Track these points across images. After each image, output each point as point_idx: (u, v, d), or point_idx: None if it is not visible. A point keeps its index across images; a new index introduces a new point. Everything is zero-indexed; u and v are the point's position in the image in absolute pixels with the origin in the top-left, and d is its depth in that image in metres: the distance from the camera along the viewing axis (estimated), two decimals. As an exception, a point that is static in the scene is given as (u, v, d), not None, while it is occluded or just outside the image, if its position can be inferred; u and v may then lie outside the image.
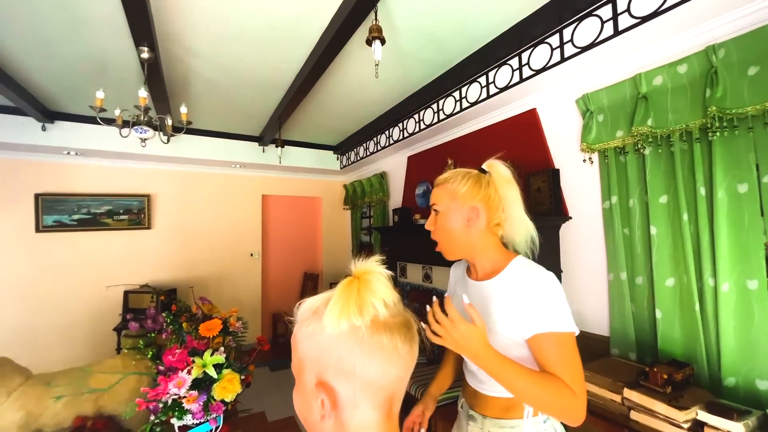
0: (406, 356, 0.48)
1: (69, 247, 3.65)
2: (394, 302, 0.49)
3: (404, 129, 3.39)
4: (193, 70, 2.54)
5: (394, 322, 0.48)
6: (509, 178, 0.92)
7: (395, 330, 0.47)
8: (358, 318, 0.45)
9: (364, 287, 0.47)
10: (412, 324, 0.51)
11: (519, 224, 0.93)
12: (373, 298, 0.47)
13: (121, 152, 3.58)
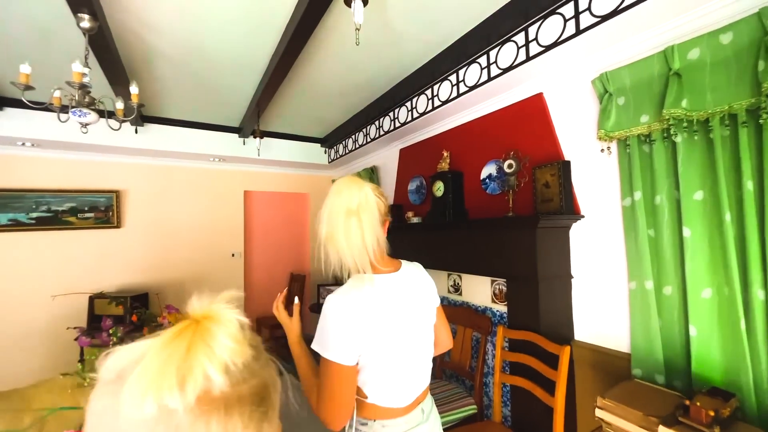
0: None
1: (27, 248, 3.31)
2: (244, 362, 0.34)
3: (396, 118, 3.10)
4: (154, 48, 2.22)
5: (238, 393, 0.32)
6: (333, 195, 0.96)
7: (236, 407, 0.32)
8: (176, 395, 0.29)
9: (198, 343, 0.32)
10: (269, 390, 0.35)
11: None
12: (208, 363, 0.31)
13: (84, 143, 3.24)
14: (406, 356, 0.92)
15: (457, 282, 2.48)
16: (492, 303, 2.19)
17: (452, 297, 2.52)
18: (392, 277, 0.95)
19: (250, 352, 0.34)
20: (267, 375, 0.36)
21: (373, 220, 0.89)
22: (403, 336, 0.92)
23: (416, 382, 0.95)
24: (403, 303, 0.93)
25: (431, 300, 1.03)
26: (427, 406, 0.98)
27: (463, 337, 2.23)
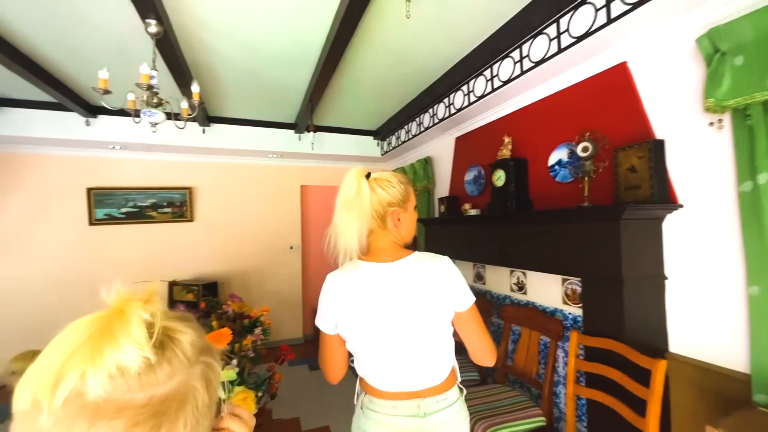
0: None
1: (118, 239, 3.74)
2: (141, 370, 0.29)
3: (451, 104, 2.92)
4: (213, 48, 2.31)
5: (118, 404, 0.28)
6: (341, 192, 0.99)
7: (106, 418, 0.27)
8: (46, 394, 0.27)
9: (90, 343, 0.28)
10: (171, 403, 0.30)
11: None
12: (90, 366, 0.27)
13: (161, 144, 3.56)
14: (385, 342, 0.93)
15: (521, 280, 2.26)
16: (563, 304, 1.95)
17: (516, 296, 2.30)
18: (381, 266, 0.96)
19: (154, 358, 0.30)
20: (177, 385, 0.31)
21: (362, 212, 0.94)
22: (381, 322, 0.93)
23: (405, 374, 0.94)
24: (385, 291, 0.93)
25: (435, 300, 0.93)
26: (430, 408, 0.94)
27: (528, 340, 2.03)
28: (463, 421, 0.98)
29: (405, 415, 0.94)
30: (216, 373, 0.37)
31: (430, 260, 0.96)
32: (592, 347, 1.65)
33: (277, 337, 4.23)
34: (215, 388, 0.36)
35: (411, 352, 0.93)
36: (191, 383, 0.33)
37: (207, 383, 0.34)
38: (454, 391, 0.99)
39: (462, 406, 1.00)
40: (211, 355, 0.37)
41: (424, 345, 0.94)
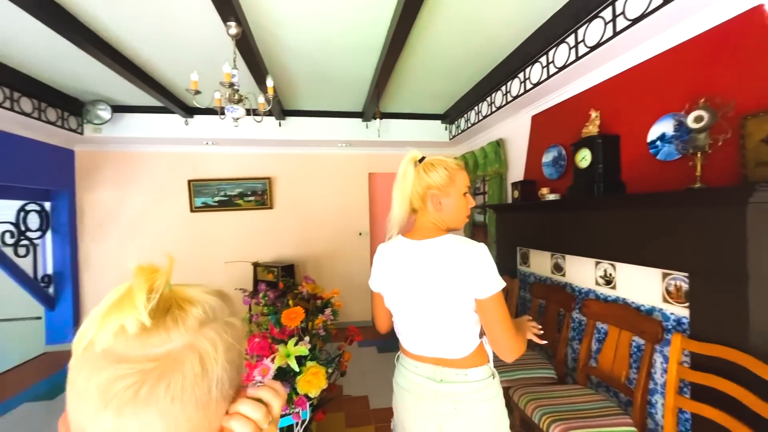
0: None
1: (213, 224, 4.25)
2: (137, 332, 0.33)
3: (527, 79, 2.67)
4: (284, 43, 2.42)
5: (110, 355, 0.33)
6: (398, 174, 1.08)
7: (99, 369, 0.32)
8: (79, 341, 0.34)
9: (117, 301, 0.35)
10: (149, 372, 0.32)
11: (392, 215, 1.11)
12: (107, 321, 0.33)
13: (244, 139, 3.91)
14: (407, 309, 1.05)
15: (609, 273, 2.00)
16: (663, 303, 1.68)
17: (602, 290, 2.05)
18: (411, 243, 1.05)
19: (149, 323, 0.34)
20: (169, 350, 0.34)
21: (404, 193, 1.05)
22: (405, 291, 1.04)
23: (423, 341, 1.03)
24: (410, 265, 1.03)
25: (452, 283, 0.96)
26: (447, 377, 1.00)
27: (617, 341, 1.80)
28: (483, 401, 0.99)
29: (424, 376, 1.03)
30: (221, 350, 0.37)
31: (460, 244, 0.98)
32: (701, 354, 1.39)
33: (346, 319, 4.45)
34: (219, 363, 0.36)
35: (427, 323, 1.01)
36: (185, 352, 0.34)
37: (204, 356, 0.35)
38: (479, 371, 1.01)
39: (487, 388, 1.00)
40: (222, 332, 0.38)
41: (439, 320, 0.99)
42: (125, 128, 3.68)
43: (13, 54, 2.53)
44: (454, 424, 0.98)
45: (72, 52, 2.40)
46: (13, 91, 2.84)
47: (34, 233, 3.69)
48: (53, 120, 3.26)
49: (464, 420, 0.98)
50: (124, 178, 4.08)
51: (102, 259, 4.04)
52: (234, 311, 0.42)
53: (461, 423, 0.98)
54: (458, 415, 0.98)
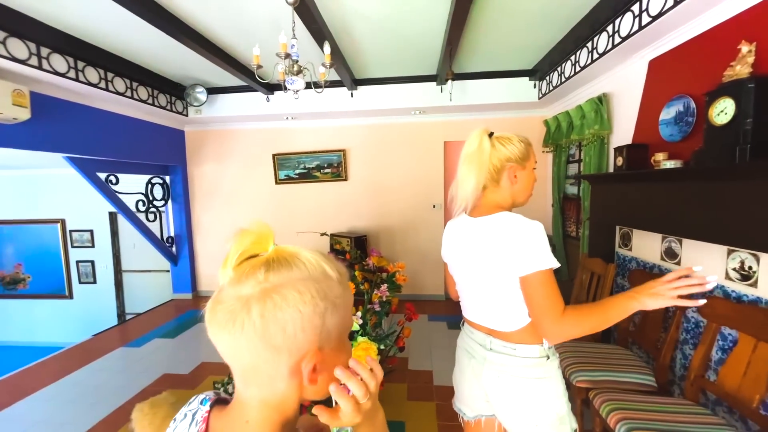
0: None
1: (294, 195, 4.54)
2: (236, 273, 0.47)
3: (643, 11, 2.07)
4: (350, 7, 2.28)
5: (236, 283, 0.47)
6: (464, 155, 1.08)
7: (243, 284, 0.47)
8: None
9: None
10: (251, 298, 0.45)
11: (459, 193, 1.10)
12: None
13: (319, 112, 3.99)
14: (462, 281, 1.14)
15: (747, 265, 1.50)
16: (836, 313, 1.19)
17: (734, 287, 1.56)
18: (469, 219, 1.09)
19: (234, 273, 0.45)
20: (244, 299, 0.43)
21: (481, 166, 1.04)
22: (461, 265, 1.12)
23: (476, 310, 1.11)
24: (465, 241, 1.09)
25: (496, 260, 0.99)
26: (496, 347, 1.04)
27: (750, 355, 1.37)
28: (529, 378, 0.99)
29: (477, 342, 1.11)
30: (284, 312, 0.43)
31: (508, 221, 0.98)
32: None
33: (420, 292, 4.43)
34: (285, 327, 0.43)
35: (480, 295, 1.08)
36: (252, 300, 0.43)
37: (269, 306, 0.43)
38: (529, 348, 1.00)
39: (535, 367, 0.99)
40: (292, 297, 0.44)
41: (489, 293, 1.04)
42: (220, 108, 4.07)
43: (127, 49, 2.93)
44: (497, 392, 1.03)
45: (171, 42, 2.66)
46: (132, 81, 3.32)
47: (159, 202, 4.44)
48: (164, 104, 3.76)
49: (507, 391, 1.01)
50: (222, 153, 4.58)
51: (209, 224, 4.69)
52: (325, 274, 0.47)
53: (503, 393, 1.02)
54: (501, 384, 1.02)
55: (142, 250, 5.04)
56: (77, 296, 5.31)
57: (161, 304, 4.50)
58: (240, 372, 0.45)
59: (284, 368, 0.44)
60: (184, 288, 4.68)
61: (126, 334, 3.64)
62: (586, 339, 2.23)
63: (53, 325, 5.32)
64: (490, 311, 1.05)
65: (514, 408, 1.01)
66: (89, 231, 5.18)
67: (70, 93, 3.00)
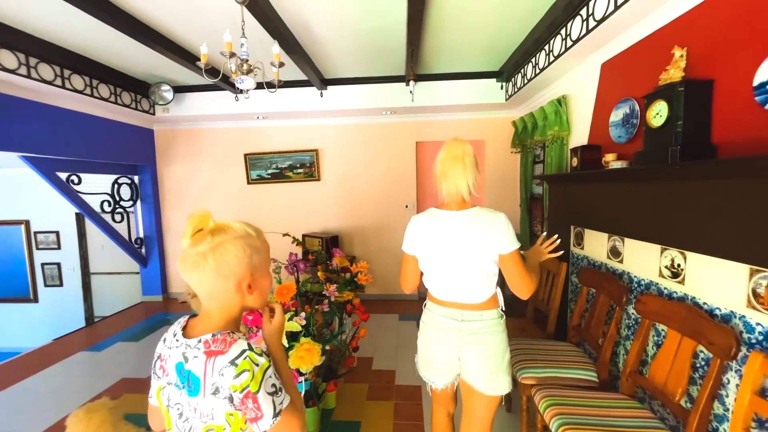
0: None
1: (267, 196, 4.50)
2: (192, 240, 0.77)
3: (590, 15, 2.13)
4: (305, 7, 2.27)
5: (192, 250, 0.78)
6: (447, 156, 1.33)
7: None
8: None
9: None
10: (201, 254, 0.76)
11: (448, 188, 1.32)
12: None
13: (289, 111, 3.97)
14: (444, 266, 1.30)
15: (677, 263, 1.56)
16: (747, 308, 1.24)
17: (666, 284, 1.62)
18: (451, 213, 1.30)
19: (191, 241, 0.75)
20: (202, 252, 0.74)
21: (473, 169, 1.30)
22: (444, 252, 1.29)
23: (455, 289, 1.31)
24: (449, 231, 1.28)
25: (483, 243, 1.25)
26: (467, 317, 1.30)
27: (676, 349, 1.41)
28: (494, 334, 1.30)
29: (449, 317, 1.32)
30: (227, 254, 0.74)
31: (486, 213, 1.27)
32: (793, 386, 1.00)
33: (392, 292, 4.44)
34: (221, 264, 0.73)
35: (459, 275, 1.29)
36: (206, 254, 0.73)
37: (214, 257, 0.73)
38: (492, 312, 1.31)
39: (496, 325, 1.31)
40: (230, 245, 0.75)
41: (468, 272, 1.28)
42: (188, 107, 4.01)
43: (85, 46, 2.86)
44: (470, 351, 1.29)
45: (131, 39, 2.61)
46: (92, 78, 3.24)
47: (126, 202, 4.34)
48: (128, 103, 3.68)
49: (479, 347, 1.28)
50: (193, 153, 4.51)
51: (180, 225, 4.61)
52: (248, 234, 0.79)
53: (476, 349, 1.28)
54: (474, 343, 1.29)
55: (111, 252, 4.93)
56: (43, 300, 5.16)
57: (129, 307, 4.41)
58: (205, 294, 0.75)
59: (232, 287, 0.75)
60: (154, 290, 4.59)
61: (89, 337, 3.55)
62: (538, 336, 2.28)
63: (17, 329, 5.16)
64: (466, 289, 1.29)
65: (483, 361, 1.28)
66: (55, 232, 5.03)
67: (23, 90, 2.91)
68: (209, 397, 0.69)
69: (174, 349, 0.74)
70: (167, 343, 0.77)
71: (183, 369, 0.71)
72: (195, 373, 0.70)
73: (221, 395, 0.68)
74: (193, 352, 0.71)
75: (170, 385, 0.75)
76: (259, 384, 0.69)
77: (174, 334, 0.77)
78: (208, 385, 0.69)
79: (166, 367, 0.76)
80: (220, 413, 0.69)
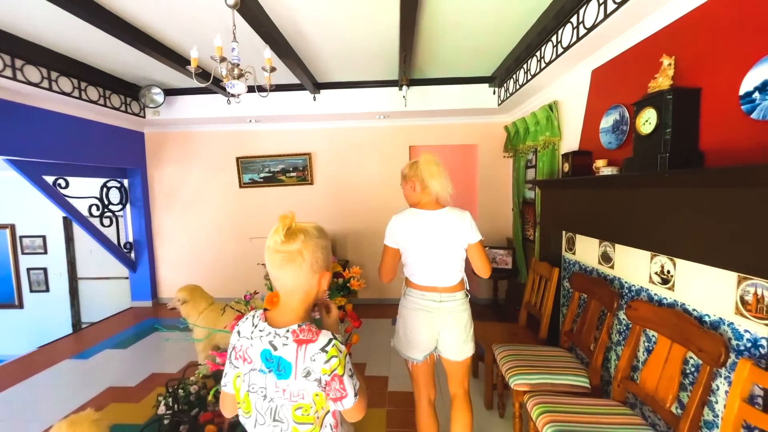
0: None
1: (259, 199, 4.47)
2: (281, 241, 0.84)
3: (581, 23, 2.15)
4: (299, 11, 2.27)
5: (276, 249, 0.85)
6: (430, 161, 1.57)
7: None
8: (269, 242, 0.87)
9: (275, 228, 0.88)
10: (289, 256, 0.85)
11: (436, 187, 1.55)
12: None
13: (283, 115, 3.95)
14: (423, 256, 1.55)
15: (666, 269, 1.57)
16: (735, 315, 1.25)
17: (656, 290, 1.63)
18: (429, 212, 1.56)
19: (283, 239, 0.84)
20: (294, 250, 0.84)
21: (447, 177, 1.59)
22: (424, 244, 1.54)
23: (433, 276, 1.55)
24: (429, 227, 1.54)
25: (457, 236, 1.54)
26: (444, 299, 1.56)
27: (666, 355, 1.42)
28: (465, 311, 1.59)
29: (429, 299, 1.56)
30: (316, 251, 0.86)
31: (457, 212, 1.58)
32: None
33: (387, 296, 4.42)
34: (311, 259, 0.85)
35: (438, 263, 1.55)
36: (300, 250, 0.83)
37: (307, 253, 0.84)
38: (461, 293, 1.60)
39: (465, 303, 1.60)
40: (314, 242, 0.86)
41: (445, 261, 1.55)
42: (179, 110, 3.96)
43: (73, 48, 2.81)
44: (448, 326, 1.55)
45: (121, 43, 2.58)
46: (80, 81, 3.19)
47: (115, 206, 4.27)
48: (117, 106, 3.62)
49: (455, 323, 1.55)
50: (184, 156, 4.46)
51: (170, 229, 4.55)
52: (323, 234, 0.90)
53: (453, 325, 1.55)
54: (452, 320, 1.55)
55: (100, 256, 4.84)
56: (28, 306, 5.05)
57: (118, 313, 4.33)
58: (294, 288, 0.85)
59: (315, 281, 0.87)
60: (143, 295, 4.51)
61: (75, 345, 3.48)
62: (530, 341, 2.28)
63: (1, 337, 5.03)
64: (444, 274, 1.55)
65: (457, 333, 1.55)
66: (41, 237, 4.93)
67: (8, 92, 2.85)
68: (300, 380, 0.79)
69: (257, 339, 0.84)
70: (244, 334, 0.86)
71: (271, 355, 0.81)
72: (286, 358, 0.80)
73: (312, 377, 0.79)
74: (282, 341, 0.81)
75: (253, 371, 0.83)
76: (344, 368, 0.81)
77: (254, 326, 0.86)
78: (299, 369, 0.79)
79: (247, 356, 0.85)
80: (309, 393, 0.80)
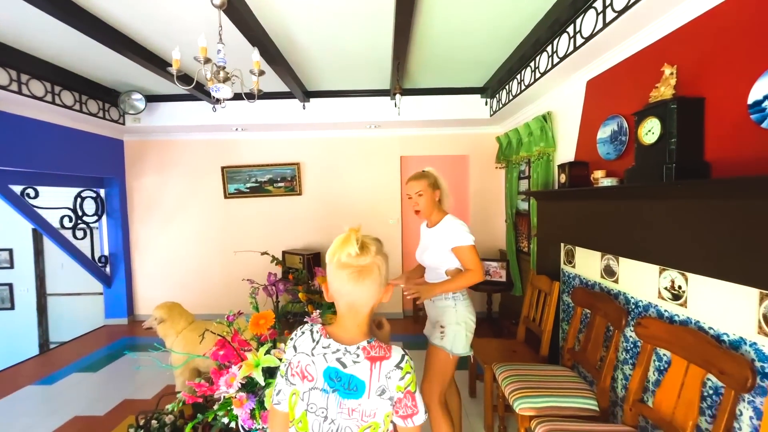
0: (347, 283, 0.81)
1: (245, 210, 4.29)
2: (355, 254, 0.81)
3: (577, 33, 2.12)
4: (289, 16, 2.18)
5: (350, 264, 0.81)
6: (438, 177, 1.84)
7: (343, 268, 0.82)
8: (330, 258, 0.84)
9: (345, 240, 0.83)
10: (363, 270, 0.82)
11: (446, 199, 1.83)
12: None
13: (270, 124, 3.83)
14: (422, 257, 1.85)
15: (677, 284, 1.50)
16: (758, 335, 1.18)
17: (667, 307, 1.56)
18: (428, 228, 1.87)
19: (358, 251, 0.80)
20: (369, 262, 0.82)
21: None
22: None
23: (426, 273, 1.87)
24: (425, 236, 1.88)
25: (442, 241, 1.74)
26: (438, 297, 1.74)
27: (683, 377, 1.33)
28: (452, 307, 1.69)
29: None
30: (383, 263, 0.85)
31: (446, 221, 1.77)
32: (819, 423, 0.92)
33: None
34: (383, 272, 0.84)
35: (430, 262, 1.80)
36: (375, 263, 0.82)
37: (380, 266, 0.83)
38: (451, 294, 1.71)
39: (454, 302, 1.70)
40: (382, 255, 0.85)
41: (430, 261, 1.79)
42: (161, 117, 3.80)
43: (46, 49, 2.64)
44: (435, 316, 1.74)
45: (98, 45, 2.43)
46: (54, 85, 3.01)
47: (90, 218, 4.03)
48: (95, 112, 3.44)
49: (438, 313, 1.72)
50: (166, 165, 4.26)
51: (149, 241, 4.32)
52: (382, 245, 0.89)
53: (437, 315, 1.72)
54: (436, 311, 1.73)
55: (72, 271, 4.55)
56: (-9, 324, 4.69)
57: (90, 332, 4.04)
58: (363, 301, 0.82)
59: (379, 293, 0.84)
60: (118, 312, 4.24)
61: (40, 368, 3.20)
62: (530, 359, 2.18)
63: (-41, 358, 4.63)
64: (434, 273, 1.79)
65: (438, 321, 1.70)
66: (7, 250, 4.62)
67: (-27, 96, 2.65)
68: (374, 398, 0.77)
69: (319, 357, 0.79)
70: (303, 350, 0.82)
71: (338, 374, 0.78)
72: (359, 376, 0.77)
73: (386, 395, 0.77)
74: (352, 357, 0.78)
75: (314, 390, 0.79)
76: (416, 384, 0.80)
77: (314, 342, 0.82)
78: (373, 388, 0.76)
79: (307, 373, 0.79)
80: (381, 412, 0.77)
